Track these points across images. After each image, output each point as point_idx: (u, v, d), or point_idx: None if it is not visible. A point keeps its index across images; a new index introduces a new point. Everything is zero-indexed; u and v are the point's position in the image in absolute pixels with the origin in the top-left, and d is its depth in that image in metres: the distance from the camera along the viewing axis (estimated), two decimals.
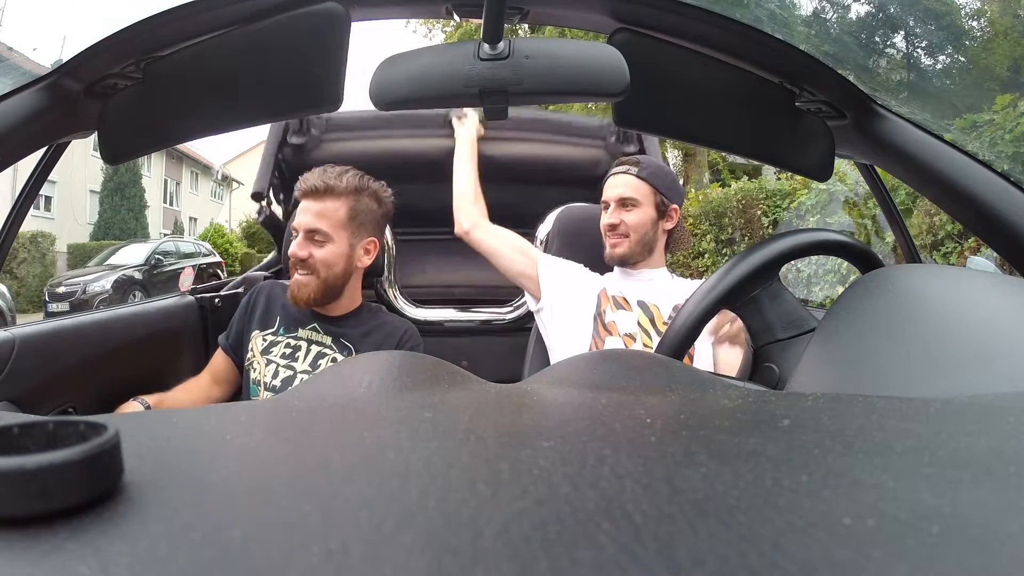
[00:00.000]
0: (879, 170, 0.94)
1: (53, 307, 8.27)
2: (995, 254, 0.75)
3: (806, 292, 4.43)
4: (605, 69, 0.57)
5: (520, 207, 1.39)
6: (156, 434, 0.22)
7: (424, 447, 0.20)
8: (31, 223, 10.53)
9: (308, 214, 1.02)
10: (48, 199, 12.40)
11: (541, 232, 1.41)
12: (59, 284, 8.69)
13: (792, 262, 0.85)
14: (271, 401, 0.31)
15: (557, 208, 1.39)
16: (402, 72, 0.58)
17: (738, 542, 0.12)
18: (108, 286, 8.70)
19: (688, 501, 0.15)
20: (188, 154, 17.04)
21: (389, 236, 1.46)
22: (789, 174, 4.81)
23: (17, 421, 0.16)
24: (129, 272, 9.30)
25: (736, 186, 5.63)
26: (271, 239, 1.66)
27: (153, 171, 15.49)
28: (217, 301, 1.36)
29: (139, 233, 12.96)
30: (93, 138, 0.76)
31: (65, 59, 0.69)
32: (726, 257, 5.31)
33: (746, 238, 5.26)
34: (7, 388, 0.87)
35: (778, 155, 0.85)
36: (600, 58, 0.58)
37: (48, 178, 0.85)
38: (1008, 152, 2.78)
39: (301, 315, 1.07)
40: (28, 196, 0.85)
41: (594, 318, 1.12)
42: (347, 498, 0.15)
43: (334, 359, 1.03)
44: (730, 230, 5.41)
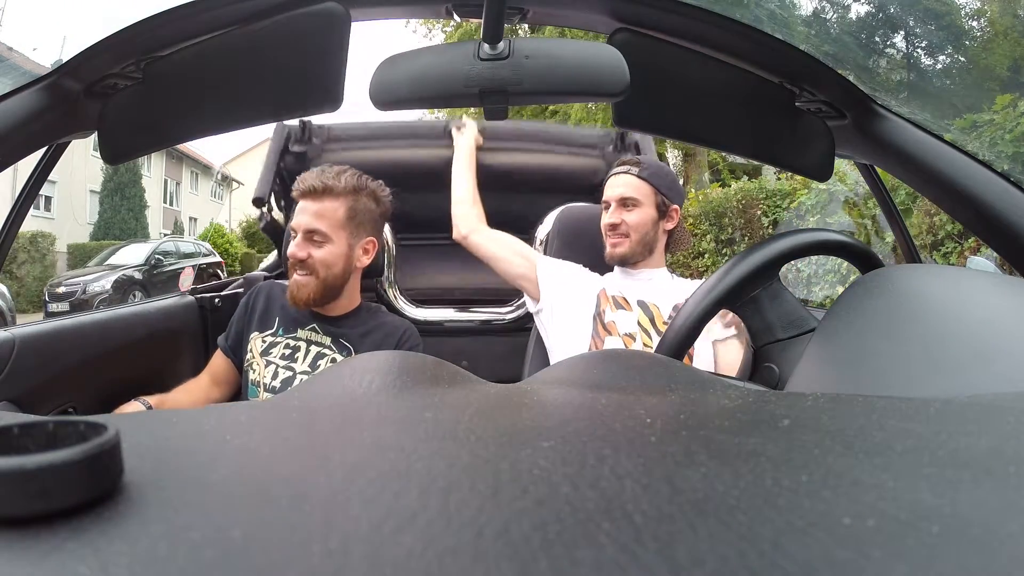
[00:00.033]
0: (879, 170, 0.94)
1: (53, 307, 8.28)
2: (995, 254, 0.75)
3: (806, 292, 4.42)
4: (605, 69, 0.57)
5: (519, 215, 1.39)
6: (156, 434, 0.22)
7: (424, 447, 0.20)
8: (31, 223, 10.53)
9: (306, 214, 1.01)
10: (48, 199, 12.40)
11: (541, 232, 1.41)
12: (59, 284, 8.69)
13: (792, 262, 0.85)
14: (271, 401, 0.31)
15: (556, 208, 1.39)
16: (402, 72, 0.58)
17: (738, 542, 0.12)
18: (108, 286, 8.70)
19: (688, 501, 0.15)
20: (188, 154, 17.04)
21: (389, 236, 1.46)
22: (789, 174, 4.81)
23: (17, 421, 0.16)
24: (129, 272, 9.30)
25: (736, 186, 5.63)
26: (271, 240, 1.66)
27: (153, 171, 15.49)
28: (217, 301, 1.36)
29: (139, 233, 12.96)
30: (93, 138, 0.76)
31: (65, 59, 0.69)
32: (726, 257, 5.30)
33: (746, 238, 5.26)
34: (7, 388, 0.87)
35: (778, 155, 0.85)
36: (600, 58, 0.58)
37: (48, 178, 0.85)
38: (1008, 152, 2.78)
39: (300, 316, 1.06)
40: (28, 196, 0.85)
41: (593, 318, 1.12)
42: (347, 498, 0.15)
43: (333, 359, 1.03)
44: (730, 230, 5.41)
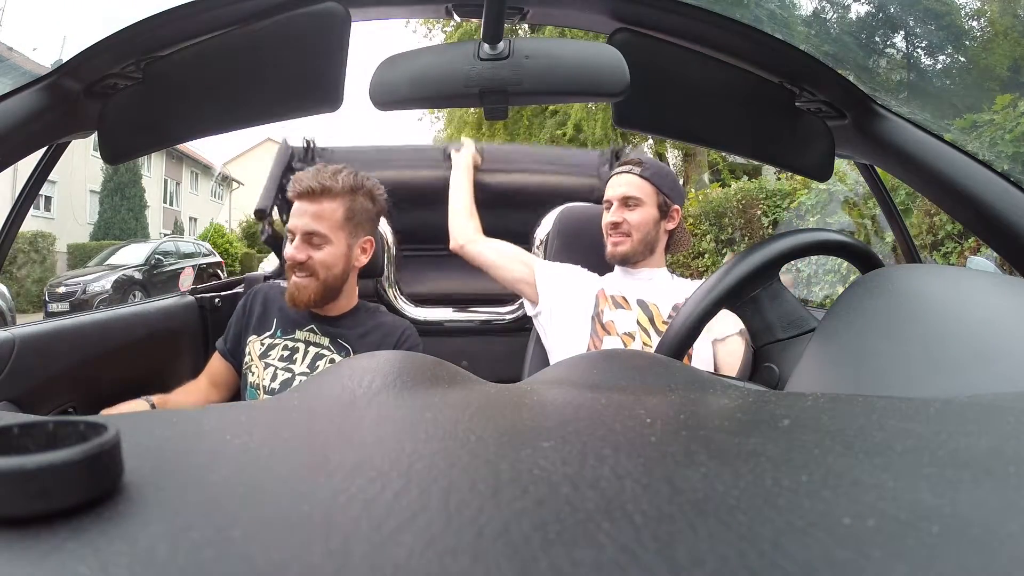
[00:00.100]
0: (879, 170, 0.94)
1: (53, 307, 8.28)
2: (995, 254, 0.76)
3: (806, 292, 4.43)
4: (605, 69, 0.57)
5: (517, 232, 1.40)
6: (156, 434, 0.22)
7: (424, 447, 0.20)
8: (31, 223, 10.53)
9: (305, 216, 1.00)
10: (48, 199, 12.41)
11: (540, 232, 1.41)
12: (59, 284, 8.69)
13: (792, 262, 0.85)
14: (271, 401, 0.31)
15: (557, 208, 1.39)
16: (402, 72, 0.58)
17: (738, 542, 0.12)
18: (108, 286, 8.70)
19: (688, 501, 0.15)
20: (188, 154, 17.04)
21: (389, 236, 1.46)
22: (789, 174, 4.81)
23: (17, 421, 0.16)
24: (129, 272, 9.30)
25: (736, 186, 5.63)
26: None
27: (153, 171, 15.49)
28: (217, 301, 1.36)
29: (139, 233, 12.96)
30: (93, 138, 0.76)
31: (65, 59, 0.69)
32: (726, 257, 5.30)
33: (746, 238, 5.26)
34: (7, 388, 0.87)
35: (778, 155, 0.85)
36: (600, 58, 0.58)
37: (48, 178, 0.85)
38: (1008, 152, 2.78)
39: (298, 317, 1.06)
40: (28, 196, 0.85)
41: (592, 318, 1.12)
42: (347, 498, 0.15)
43: (332, 360, 1.02)
44: (730, 230, 5.41)
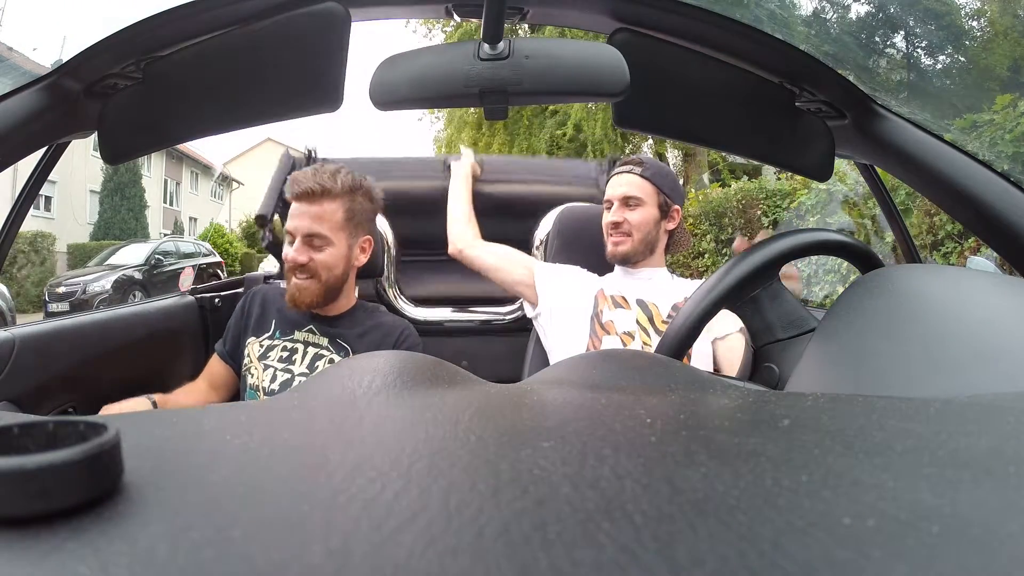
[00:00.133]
0: (879, 170, 0.94)
1: (53, 307, 8.28)
2: (995, 254, 0.75)
3: (806, 292, 4.42)
4: (605, 69, 0.57)
5: (517, 241, 1.41)
6: (156, 434, 0.22)
7: (424, 447, 0.20)
8: (31, 223, 10.53)
9: (306, 218, 0.99)
10: (48, 199, 12.41)
11: (540, 232, 1.41)
12: (59, 284, 8.69)
13: (792, 262, 0.85)
14: (271, 401, 0.31)
15: (557, 208, 1.39)
16: (402, 72, 0.58)
17: (738, 542, 0.12)
18: (108, 286, 8.70)
19: (688, 501, 0.15)
20: (188, 154, 17.04)
21: (389, 236, 1.46)
22: (789, 174, 4.81)
23: (17, 421, 0.16)
24: (129, 272, 9.29)
25: (736, 186, 5.63)
26: None
27: (153, 171, 15.49)
28: (217, 301, 1.36)
29: (139, 233, 12.96)
30: (93, 138, 0.76)
31: (65, 59, 0.69)
32: (726, 257, 5.30)
33: (746, 238, 5.26)
34: (7, 388, 0.87)
35: (778, 155, 0.85)
36: (600, 58, 0.58)
37: (48, 178, 0.85)
38: (1008, 152, 2.77)
39: (297, 317, 1.05)
40: (28, 196, 0.85)
41: (591, 318, 1.12)
42: (347, 498, 0.15)
43: (331, 360, 1.02)
44: (730, 230, 5.41)
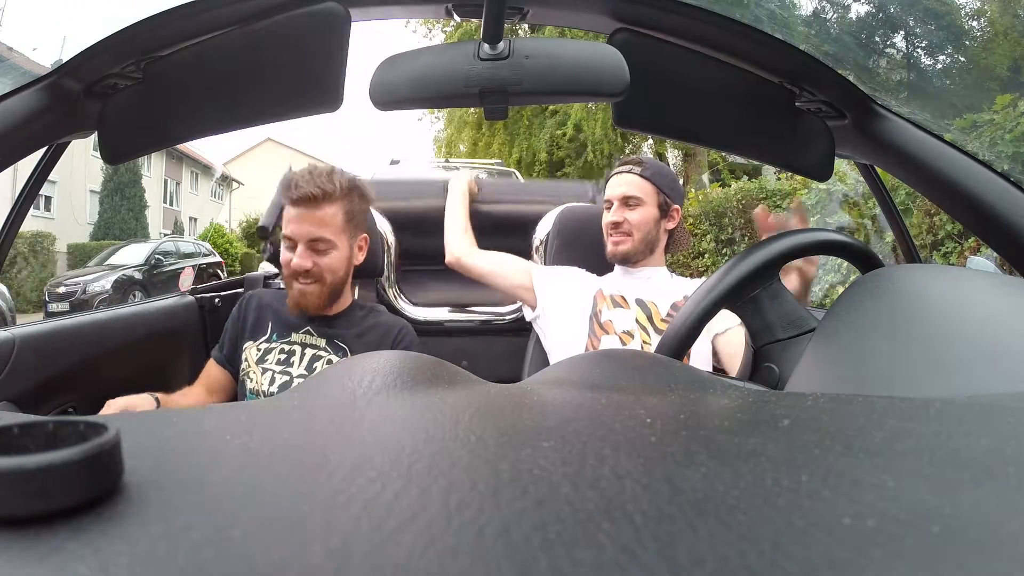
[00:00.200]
0: (879, 170, 0.94)
1: (53, 307, 8.28)
2: (995, 254, 0.76)
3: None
4: (605, 69, 0.57)
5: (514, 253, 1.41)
6: (156, 434, 0.22)
7: (424, 447, 0.20)
8: (31, 223, 10.52)
9: (307, 223, 0.98)
10: (48, 199, 12.41)
11: (540, 232, 1.41)
12: (59, 284, 8.69)
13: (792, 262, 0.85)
14: (271, 401, 0.31)
15: (556, 208, 1.39)
16: (402, 72, 0.58)
17: (738, 542, 0.12)
18: (108, 286, 8.70)
19: (688, 501, 0.15)
20: (188, 154, 17.04)
21: (390, 236, 1.46)
22: (789, 174, 4.81)
23: (17, 421, 0.16)
24: (129, 272, 9.30)
25: (736, 186, 5.63)
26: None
27: (153, 171, 15.49)
28: (217, 301, 1.36)
29: (139, 233, 12.96)
30: (93, 138, 0.76)
31: (65, 59, 0.69)
32: (726, 257, 5.30)
33: (746, 238, 5.26)
34: (7, 388, 0.87)
35: (778, 155, 0.85)
36: (600, 58, 0.58)
37: (48, 178, 0.85)
38: (1008, 152, 2.77)
39: (293, 319, 1.05)
40: (28, 196, 0.85)
41: (590, 319, 1.12)
42: (347, 498, 0.15)
43: (329, 361, 1.01)
44: (730, 230, 5.41)
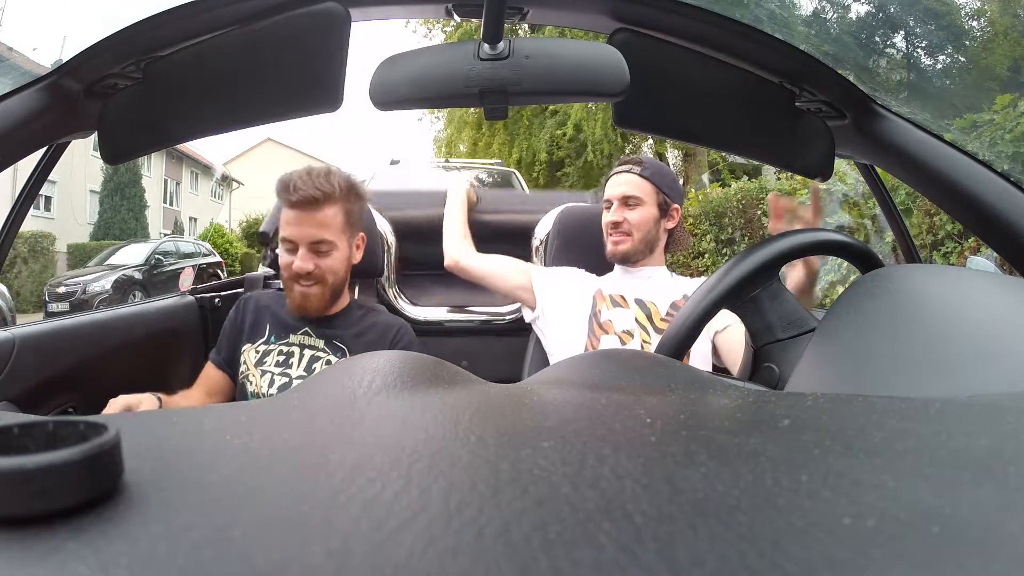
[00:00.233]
0: (879, 170, 0.94)
1: (53, 307, 8.28)
2: (995, 254, 0.76)
3: None
4: (605, 69, 0.57)
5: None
6: (156, 434, 0.22)
7: (424, 447, 0.20)
8: (31, 223, 10.53)
9: (308, 225, 0.97)
10: (48, 199, 12.41)
11: (540, 232, 1.41)
12: (59, 284, 8.69)
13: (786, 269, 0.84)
14: (271, 401, 0.31)
15: (556, 208, 1.39)
16: (402, 72, 0.58)
17: (738, 542, 0.12)
18: (108, 286, 8.70)
19: (688, 501, 0.15)
20: (188, 154, 17.03)
21: (390, 235, 1.46)
22: (789, 174, 4.81)
23: (17, 421, 0.16)
24: (129, 272, 9.29)
25: (736, 186, 5.62)
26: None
27: (153, 171, 15.49)
28: (217, 301, 1.36)
29: (139, 233, 12.96)
30: (93, 138, 0.76)
31: (65, 59, 0.69)
32: (726, 257, 5.30)
33: (746, 238, 5.26)
34: (7, 388, 0.87)
35: (778, 155, 0.85)
36: (600, 58, 0.58)
37: (48, 178, 0.85)
38: (1008, 152, 2.77)
39: (291, 320, 1.04)
40: (28, 196, 0.85)
41: (589, 318, 1.12)
42: (347, 498, 0.15)
43: (328, 362, 1.01)
44: (730, 230, 5.41)
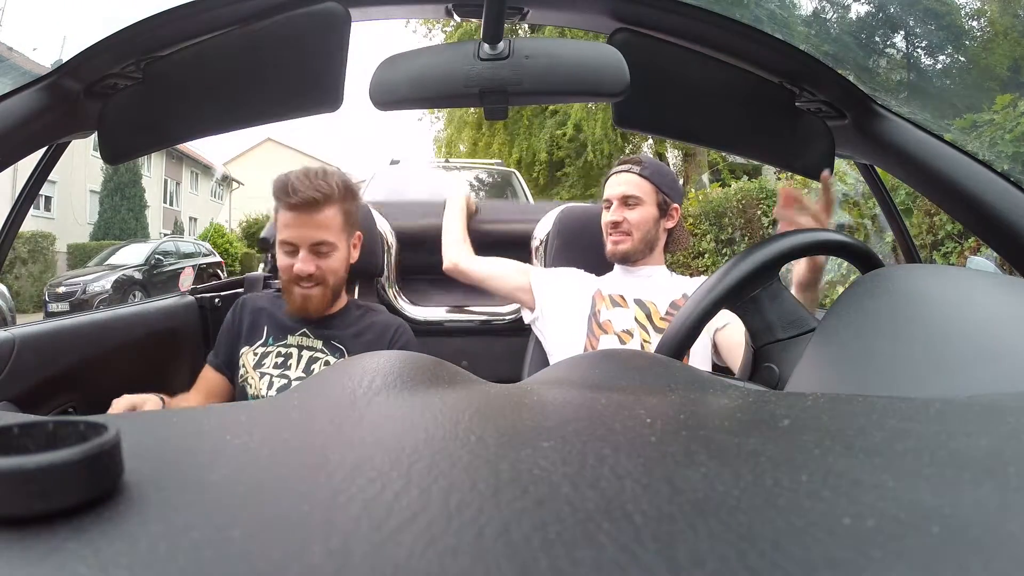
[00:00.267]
0: (879, 170, 0.94)
1: (53, 307, 8.28)
2: (995, 254, 0.76)
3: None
4: (605, 69, 0.57)
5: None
6: (156, 434, 0.22)
7: (424, 447, 0.20)
8: (31, 223, 10.53)
9: (308, 227, 0.97)
10: (48, 199, 12.41)
11: (540, 232, 1.41)
12: (59, 284, 8.69)
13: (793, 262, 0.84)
14: (271, 401, 0.31)
15: (556, 208, 1.39)
16: (402, 72, 0.58)
17: (738, 542, 0.12)
18: (108, 286, 8.70)
19: (688, 501, 0.15)
20: (188, 154, 17.04)
21: (389, 236, 1.46)
22: (789, 174, 4.81)
23: (17, 421, 0.16)
24: (129, 272, 9.29)
25: (736, 186, 5.63)
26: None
27: (153, 171, 15.49)
28: (217, 301, 1.36)
29: (139, 233, 12.96)
30: (93, 138, 0.76)
31: (65, 59, 0.69)
32: (726, 257, 5.30)
33: (746, 238, 5.26)
34: (7, 388, 0.87)
35: (778, 155, 0.85)
36: (600, 58, 0.58)
37: (48, 178, 0.85)
38: (1008, 152, 2.77)
39: (289, 322, 1.04)
40: (28, 196, 0.85)
41: (589, 318, 1.12)
42: (347, 498, 0.15)
43: (327, 362, 1.01)
44: (730, 230, 5.41)
